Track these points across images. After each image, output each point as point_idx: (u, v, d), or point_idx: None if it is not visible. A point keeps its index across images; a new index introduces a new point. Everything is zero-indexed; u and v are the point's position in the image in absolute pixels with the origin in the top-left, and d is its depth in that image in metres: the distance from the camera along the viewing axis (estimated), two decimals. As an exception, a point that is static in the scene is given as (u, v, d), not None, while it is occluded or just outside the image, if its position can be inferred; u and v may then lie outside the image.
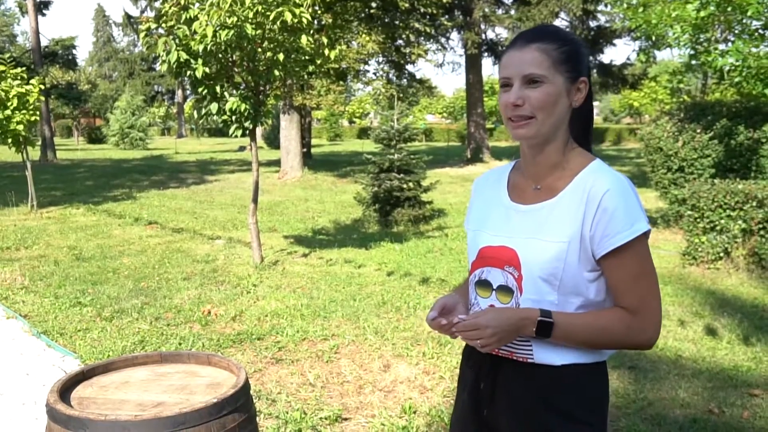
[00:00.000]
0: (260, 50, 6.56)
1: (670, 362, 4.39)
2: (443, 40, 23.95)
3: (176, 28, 6.30)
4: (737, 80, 7.68)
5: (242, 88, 6.87)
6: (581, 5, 20.67)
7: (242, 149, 33.85)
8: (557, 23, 22.96)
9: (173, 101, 64.03)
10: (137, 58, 62.52)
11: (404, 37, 19.65)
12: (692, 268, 7.07)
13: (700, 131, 9.08)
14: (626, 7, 8.86)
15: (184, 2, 6.26)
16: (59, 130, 51.71)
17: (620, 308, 1.50)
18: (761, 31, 7.55)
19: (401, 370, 4.26)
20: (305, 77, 7.69)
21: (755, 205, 6.74)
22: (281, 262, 7.53)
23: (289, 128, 18.40)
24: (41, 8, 29.90)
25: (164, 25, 6.43)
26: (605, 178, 1.48)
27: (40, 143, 23.74)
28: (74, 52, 35.55)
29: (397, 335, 4.90)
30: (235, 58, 6.65)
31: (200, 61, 6.34)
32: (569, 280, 1.49)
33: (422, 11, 18.94)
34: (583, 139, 1.62)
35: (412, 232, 9.67)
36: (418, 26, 19.14)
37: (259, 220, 7.69)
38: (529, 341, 1.53)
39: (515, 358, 1.56)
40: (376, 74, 21.65)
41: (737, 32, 7.81)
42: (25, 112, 10.97)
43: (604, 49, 23.72)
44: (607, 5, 17.95)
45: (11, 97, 10.76)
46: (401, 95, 19.51)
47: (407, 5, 17.81)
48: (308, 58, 6.83)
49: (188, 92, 51.09)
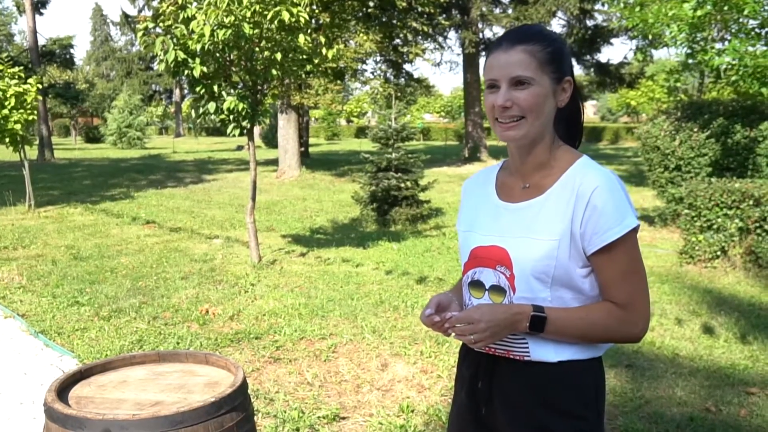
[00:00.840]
0: (258, 49, 6.56)
1: (667, 360, 4.40)
2: (441, 39, 23.96)
3: (174, 27, 6.31)
4: (734, 79, 7.70)
5: (240, 87, 6.87)
6: (578, 4, 20.68)
7: (240, 148, 33.84)
8: (554, 22, 23.01)
9: (171, 100, 63.99)
10: (135, 57, 62.55)
11: (402, 36, 19.66)
12: (689, 266, 7.09)
13: (697, 130, 9.10)
14: (623, 6, 8.88)
15: (181, 1, 6.26)
16: (57, 129, 51.67)
17: (610, 302, 1.51)
18: (758, 30, 7.57)
19: (399, 369, 4.26)
20: (303, 76, 7.69)
21: (752, 203, 6.76)
22: (279, 261, 7.53)
23: (286, 127, 18.39)
24: (39, 7, 29.88)
25: (162, 24, 6.43)
26: (594, 174, 1.48)
27: (37, 142, 23.70)
28: (72, 51, 35.41)
29: (394, 334, 4.91)
30: (232, 57, 6.65)
31: (198, 60, 6.34)
32: (561, 277, 1.50)
33: (420, 10, 18.93)
34: (568, 136, 1.63)
35: (409, 231, 9.67)
36: (415, 25, 19.12)
37: (256, 219, 7.70)
38: (524, 338, 1.54)
39: (512, 356, 1.56)
40: (373, 73, 21.68)
41: (734, 31, 7.83)
42: (22, 111, 10.95)
43: (601, 48, 23.77)
44: (604, 4, 17.94)
45: (9, 96, 10.74)
46: (399, 94, 19.53)
47: (405, 4, 17.81)
48: (306, 57, 6.83)
49: (186, 91, 50.97)
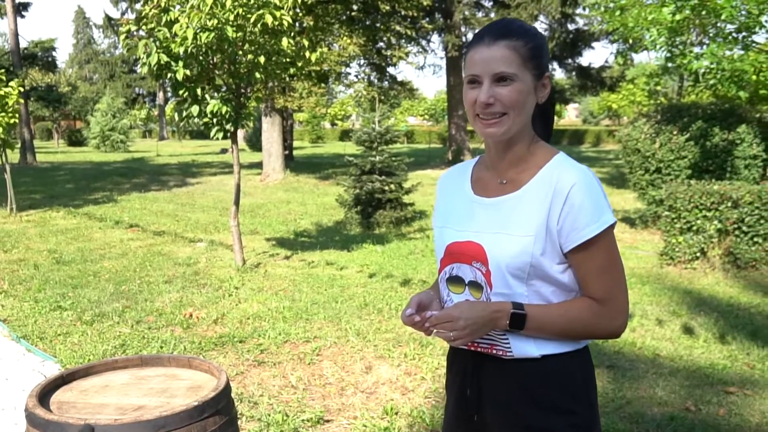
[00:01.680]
0: (241, 53, 6.56)
1: (648, 361, 4.45)
2: (424, 42, 24.01)
3: (156, 30, 6.28)
4: (712, 82, 7.81)
5: (223, 90, 6.86)
6: (560, 8, 20.88)
7: (224, 151, 33.71)
8: (536, 26, 23.13)
9: (154, 103, 63.59)
10: (118, 60, 62.12)
11: (385, 39, 19.67)
12: (670, 267, 7.17)
13: (676, 133, 9.21)
14: (604, 10, 8.98)
15: (164, 4, 6.24)
16: (39, 132, 51.06)
17: (589, 298, 1.51)
18: (735, 34, 7.68)
19: (383, 371, 4.28)
20: (286, 79, 7.71)
21: (730, 205, 6.86)
22: (263, 264, 7.52)
23: (270, 131, 18.35)
24: (20, 10, 29.53)
25: (144, 27, 6.40)
26: (571, 171, 1.48)
27: (19, 146, 23.44)
28: (54, 54, 35.27)
29: (378, 337, 4.92)
30: (215, 60, 6.64)
31: (181, 63, 6.32)
32: (537, 273, 1.49)
33: (403, 14, 18.96)
34: (543, 132, 1.64)
35: (393, 233, 9.70)
36: (399, 29, 19.15)
37: (240, 222, 7.68)
38: (505, 334, 1.53)
39: (495, 351, 1.55)
40: (357, 76, 21.66)
41: (712, 35, 7.95)
42: (4, 114, 10.83)
43: (582, 51, 24.01)
44: (585, 8, 18.14)
45: (-11, 99, 10.65)
46: (383, 97, 19.54)
47: (388, 8, 17.82)
48: (289, 60, 6.84)
49: (169, 94, 50.62)
